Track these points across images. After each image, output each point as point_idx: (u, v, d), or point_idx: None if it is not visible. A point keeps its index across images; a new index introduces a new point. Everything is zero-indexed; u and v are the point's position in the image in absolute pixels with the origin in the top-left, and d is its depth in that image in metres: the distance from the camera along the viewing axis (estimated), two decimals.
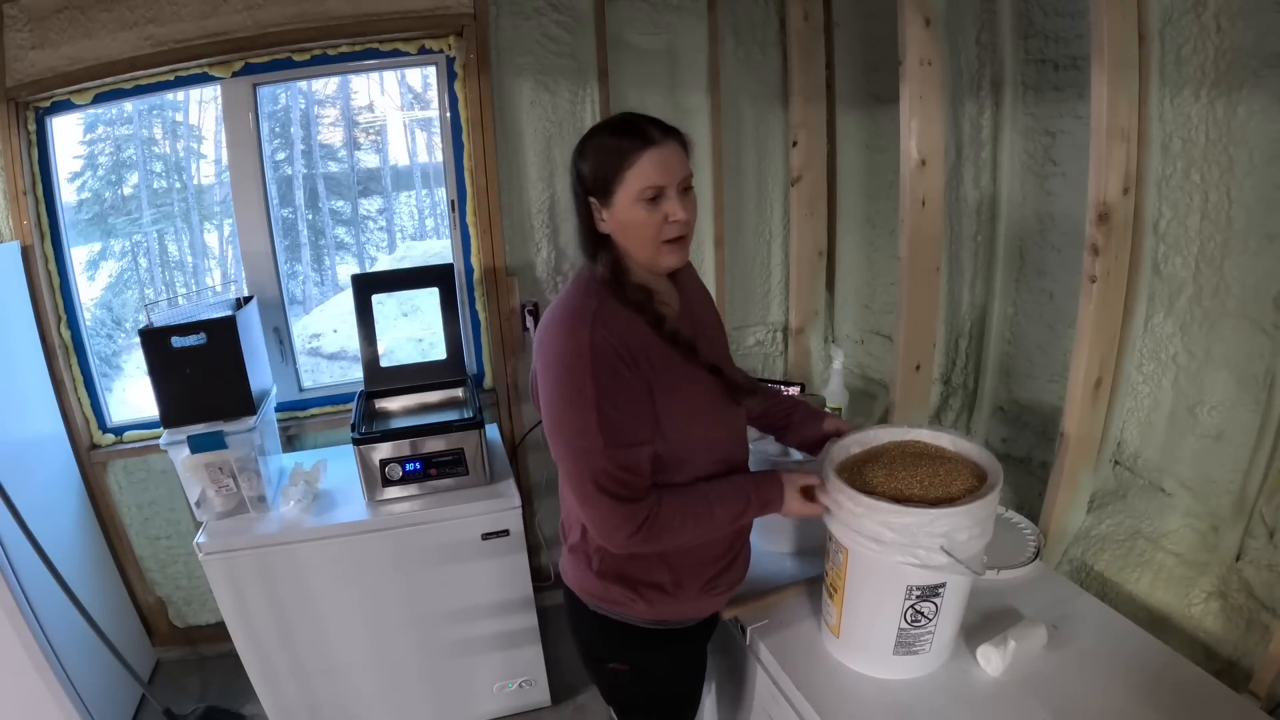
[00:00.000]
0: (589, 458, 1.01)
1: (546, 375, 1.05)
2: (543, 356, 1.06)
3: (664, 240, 1.05)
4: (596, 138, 1.07)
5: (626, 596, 1.16)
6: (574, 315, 1.04)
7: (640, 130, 1.02)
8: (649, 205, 1.02)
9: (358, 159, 5.20)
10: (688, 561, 1.17)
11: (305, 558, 1.76)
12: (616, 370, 1.01)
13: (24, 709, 1.72)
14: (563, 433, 1.04)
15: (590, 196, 1.06)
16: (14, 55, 1.84)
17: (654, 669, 1.25)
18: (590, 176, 1.05)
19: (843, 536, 1.11)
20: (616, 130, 1.04)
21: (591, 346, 1.00)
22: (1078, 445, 1.41)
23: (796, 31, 2.10)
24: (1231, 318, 1.21)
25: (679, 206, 1.03)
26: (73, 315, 2.05)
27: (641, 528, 1.04)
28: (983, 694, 1.11)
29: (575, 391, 1.00)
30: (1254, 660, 1.17)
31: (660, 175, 1.01)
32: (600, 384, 1.00)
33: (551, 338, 1.05)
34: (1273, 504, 1.17)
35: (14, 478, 1.61)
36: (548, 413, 1.05)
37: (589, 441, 1.01)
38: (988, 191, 1.69)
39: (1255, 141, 1.13)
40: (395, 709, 1.98)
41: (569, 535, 1.23)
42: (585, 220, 1.09)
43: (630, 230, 1.05)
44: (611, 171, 1.02)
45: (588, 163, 1.05)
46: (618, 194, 1.03)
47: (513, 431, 2.31)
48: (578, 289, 1.09)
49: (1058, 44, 1.45)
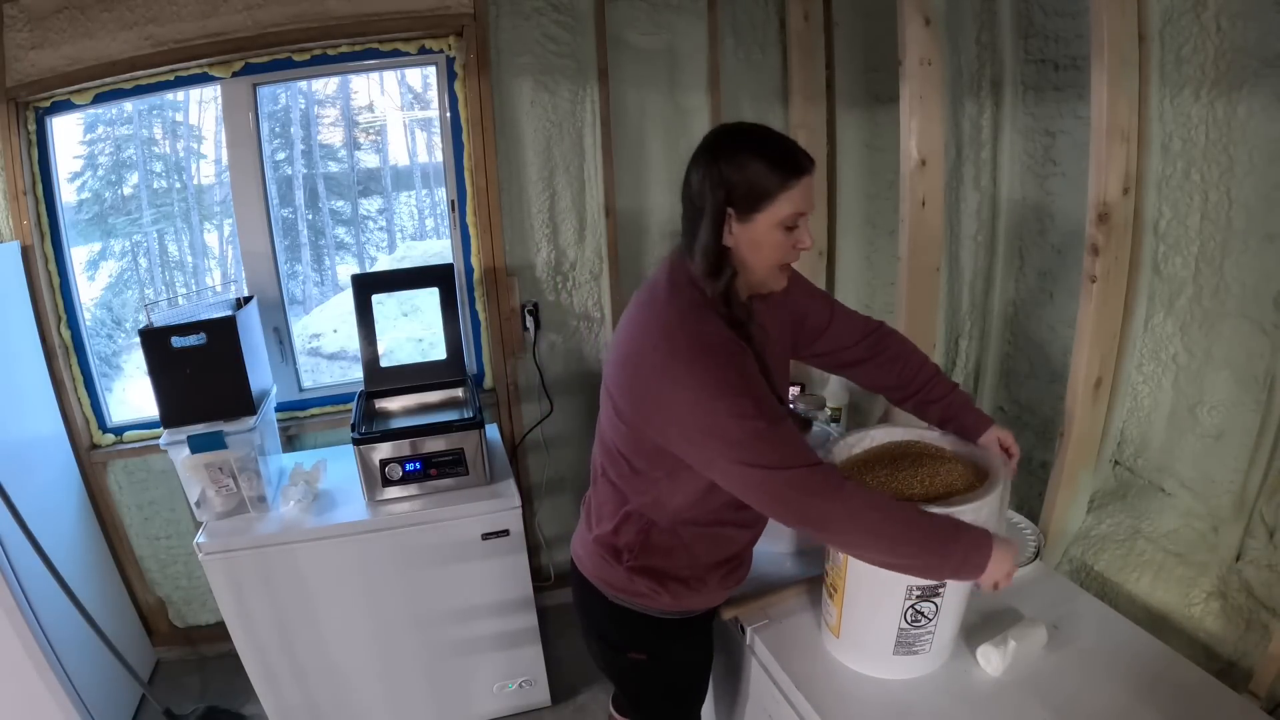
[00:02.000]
0: (757, 439, 0.98)
1: (672, 393, 1.01)
2: (659, 373, 1.02)
3: (782, 264, 1.07)
4: (749, 152, 1.01)
5: (651, 590, 1.18)
6: (688, 323, 1.03)
7: (798, 156, 1.01)
8: (786, 231, 1.03)
9: (358, 159, 5.19)
10: (711, 561, 1.20)
11: (305, 558, 1.76)
12: (746, 359, 1.03)
13: (24, 709, 1.72)
14: (719, 428, 0.99)
15: (729, 206, 1.02)
16: (14, 55, 1.84)
17: (671, 656, 1.27)
18: (742, 187, 1.00)
19: None
20: (777, 150, 1.02)
21: (727, 344, 1.01)
22: (1078, 445, 1.41)
23: (796, 31, 2.10)
24: (1231, 318, 1.21)
25: (808, 235, 1.05)
26: (73, 315, 2.05)
27: (831, 484, 0.98)
28: (983, 694, 1.11)
29: (724, 386, 0.98)
30: (1254, 660, 1.17)
31: (807, 204, 1.03)
32: (742, 370, 1.00)
33: (666, 350, 1.02)
34: (1273, 504, 1.17)
35: (14, 478, 1.61)
36: (689, 426, 1.01)
37: (751, 425, 0.97)
38: (988, 191, 1.69)
39: (1255, 141, 1.13)
40: (395, 709, 1.98)
41: (597, 525, 1.22)
42: (716, 229, 1.03)
43: (762, 249, 1.04)
44: (768, 191, 1.00)
45: (738, 173, 1.00)
46: (763, 213, 1.01)
47: (513, 431, 2.31)
48: (677, 292, 1.06)
49: (1058, 44, 1.45)
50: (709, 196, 1.02)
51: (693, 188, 1.04)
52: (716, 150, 1.03)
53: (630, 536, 1.17)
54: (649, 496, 1.14)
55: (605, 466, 1.19)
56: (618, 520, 1.17)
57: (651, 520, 1.15)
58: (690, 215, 1.06)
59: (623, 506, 1.17)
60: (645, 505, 1.15)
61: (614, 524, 1.18)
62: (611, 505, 1.19)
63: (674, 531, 1.16)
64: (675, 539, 1.16)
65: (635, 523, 1.16)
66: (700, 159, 1.04)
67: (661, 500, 1.14)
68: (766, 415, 0.98)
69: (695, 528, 1.16)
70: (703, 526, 1.16)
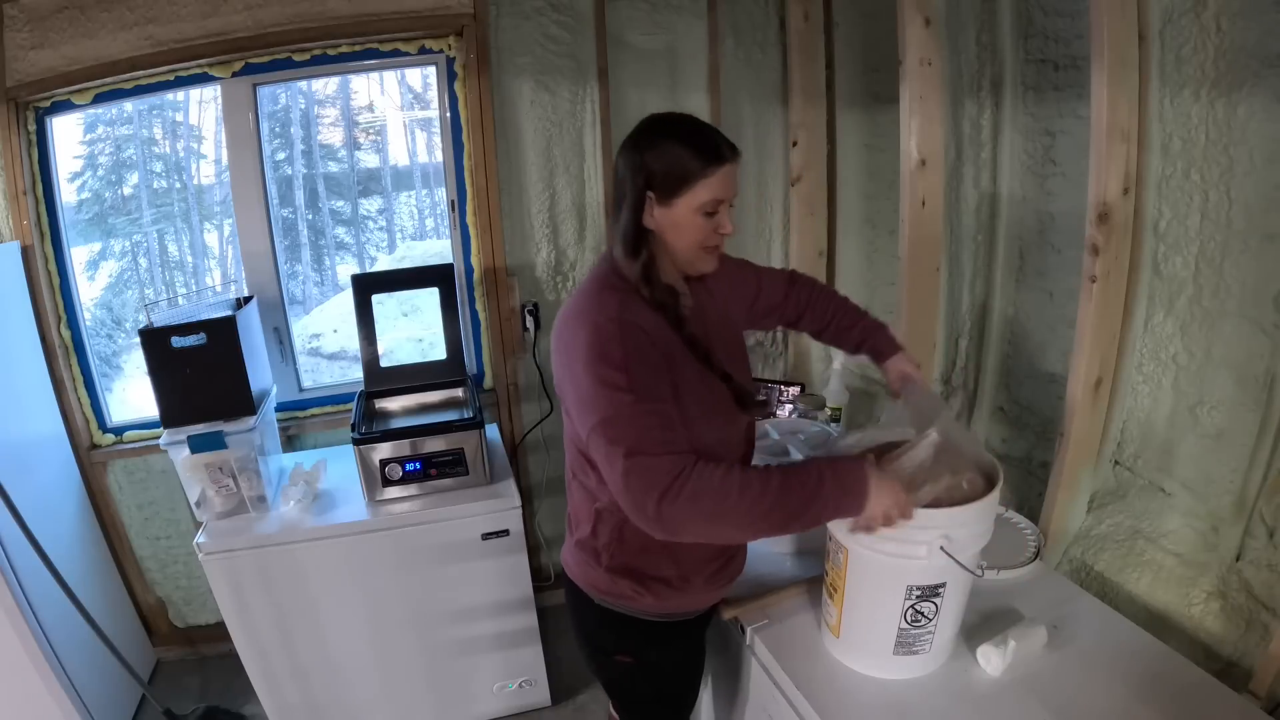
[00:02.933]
0: (617, 416, 0.99)
1: (573, 361, 1.04)
2: (567, 347, 1.06)
3: (705, 247, 1.10)
4: (671, 139, 1.05)
5: (634, 590, 1.18)
6: (598, 303, 1.06)
7: (718, 145, 1.05)
8: (706, 216, 1.06)
9: (358, 159, 5.20)
10: (695, 557, 1.19)
11: (305, 558, 1.76)
12: (641, 340, 1.03)
13: (24, 709, 1.72)
14: (591, 398, 1.01)
15: (649, 191, 1.06)
16: (14, 55, 1.84)
17: (659, 660, 1.27)
18: (660, 174, 1.04)
19: (843, 536, 1.11)
20: (696, 138, 1.05)
21: (619, 321, 1.02)
22: (1078, 445, 1.41)
23: (796, 31, 2.10)
24: (1231, 318, 1.21)
25: (728, 220, 1.09)
26: (73, 315, 2.05)
27: (677, 480, 0.96)
28: (983, 694, 1.11)
29: (601, 359, 1.00)
30: (1254, 660, 1.17)
31: (725, 191, 1.06)
32: (626, 346, 1.01)
33: (574, 327, 1.05)
34: (1273, 504, 1.17)
35: (14, 478, 1.61)
36: (577, 390, 1.04)
37: (617, 398, 0.99)
38: (988, 191, 1.69)
39: (1255, 141, 1.13)
40: (395, 709, 1.98)
41: (577, 529, 1.23)
42: (636, 212, 1.07)
43: (682, 233, 1.08)
44: (685, 177, 1.04)
45: (659, 160, 1.04)
46: (682, 198, 1.05)
47: (513, 431, 2.31)
48: (596, 285, 1.10)
49: (1058, 44, 1.45)
50: (630, 180, 1.06)
51: (619, 173, 1.09)
52: (641, 137, 1.07)
53: (606, 535, 1.17)
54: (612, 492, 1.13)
55: (574, 470, 1.21)
56: (592, 521, 1.18)
57: (623, 516, 1.13)
58: (616, 200, 1.11)
59: (593, 506, 1.17)
60: (613, 501, 1.13)
61: (590, 525, 1.19)
62: (585, 508, 1.20)
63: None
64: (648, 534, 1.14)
65: (608, 520, 1.16)
66: (626, 146, 1.08)
67: None
68: (637, 391, 0.98)
69: None
70: None
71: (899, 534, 1.03)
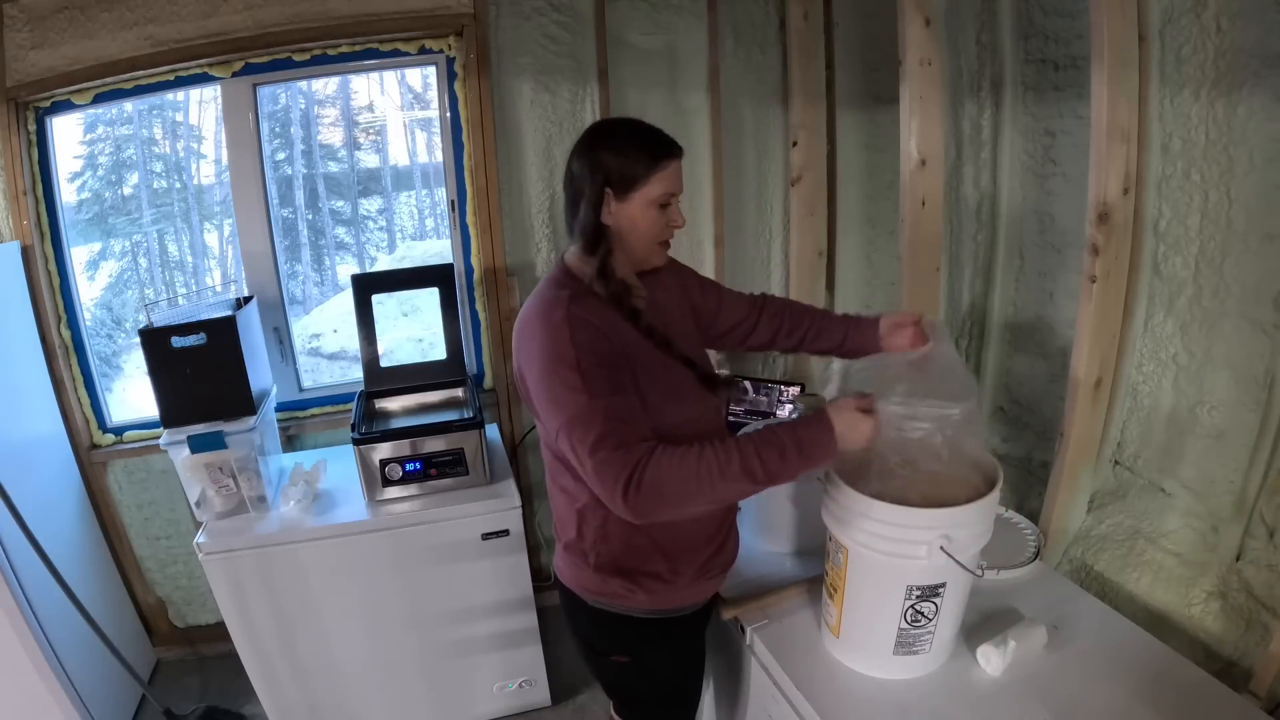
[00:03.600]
0: (579, 416, 1.02)
1: (530, 362, 1.08)
2: (525, 348, 1.09)
3: (660, 240, 1.16)
4: (624, 139, 1.12)
5: (625, 588, 1.18)
6: (550, 302, 1.09)
7: (667, 143, 1.12)
8: (659, 210, 1.13)
9: (358, 159, 5.20)
10: (681, 547, 1.19)
11: (305, 558, 1.76)
12: (593, 336, 1.06)
13: (24, 709, 1.72)
14: (553, 401, 1.04)
15: (608, 187, 1.10)
16: (14, 55, 1.84)
17: (655, 658, 1.27)
18: (616, 170, 1.09)
19: (843, 536, 1.11)
20: (646, 137, 1.12)
21: (569, 319, 1.05)
22: (1078, 445, 1.41)
23: (796, 31, 2.10)
24: (1231, 318, 1.21)
25: (679, 214, 1.16)
26: (73, 315, 2.05)
27: (636, 470, 0.99)
28: (983, 694, 1.11)
29: (557, 360, 1.04)
30: (1254, 660, 1.17)
31: (675, 186, 1.13)
32: (579, 344, 1.04)
33: (531, 327, 1.09)
34: (1273, 504, 1.17)
35: (14, 478, 1.61)
36: (537, 392, 1.07)
37: (576, 399, 1.02)
38: (988, 191, 1.69)
39: (1255, 141, 1.13)
40: (395, 709, 1.98)
41: (564, 534, 1.24)
42: (595, 209, 1.11)
43: (638, 227, 1.13)
44: (640, 171, 1.09)
45: (615, 157, 1.09)
46: (638, 193, 1.10)
47: (513, 431, 2.31)
48: (550, 285, 1.14)
49: (1058, 44, 1.45)
50: (589, 179, 1.10)
51: (574, 174, 1.13)
52: (595, 139, 1.13)
53: (591, 535, 1.17)
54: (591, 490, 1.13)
55: (551, 473, 1.22)
56: (576, 522, 1.19)
57: (604, 513, 1.15)
58: (572, 200, 1.14)
59: (574, 507, 1.18)
60: (592, 499, 1.14)
61: (575, 527, 1.19)
62: (567, 510, 1.21)
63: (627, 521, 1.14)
64: (635, 528, 1.14)
65: (590, 519, 1.17)
66: (580, 149, 1.13)
67: None
68: (590, 389, 1.02)
69: None
70: None
71: (899, 534, 1.03)
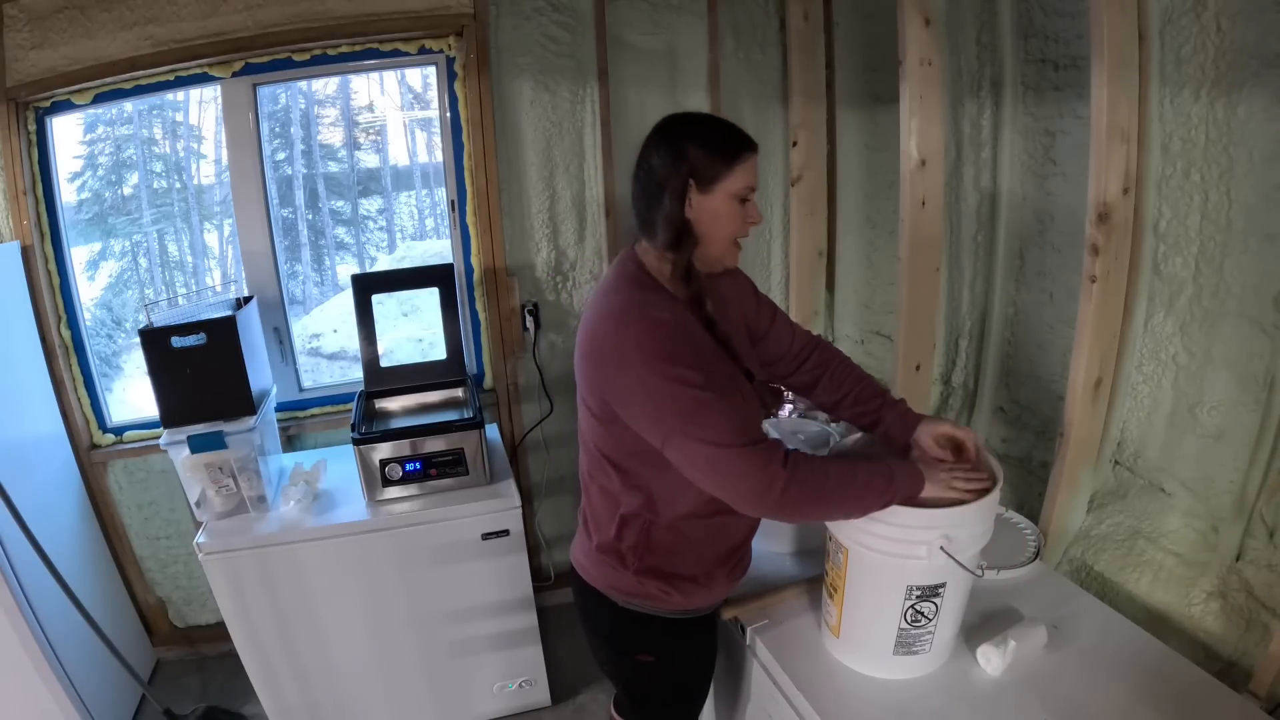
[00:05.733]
0: (702, 413, 0.99)
1: (627, 363, 1.02)
2: (613, 349, 1.04)
3: (737, 237, 1.12)
4: (705, 129, 1.09)
5: (662, 591, 1.18)
6: (643, 301, 1.06)
7: (745, 136, 1.09)
8: (740, 204, 1.09)
9: (358, 159, 5.20)
10: (715, 553, 1.21)
11: (305, 558, 1.76)
12: (698, 337, 1.05)
13: (24, 709, 1.72)
14: (667, 399, 1.00)
15: (691, 179, 1.06)
16: (14, 55, 1.84)
17: (680, 655, 1.28)
18: (701, 160, 1.05)
19: (843, 536, 1.11)
20: (727, 129, 1.09)
21: (676, 318, 1.05)
22: (1078, 445, 1.41)
23: (796, 31, 2.10)
24: (1231, 318, 1.21)
25: (757, 210, 1.11)
26: (73, 315, 2.05)
27: (788, 464, 0.99)
28: (983, 694, 1.11)
29: (669, 359, 1.00)
30: (1254, 660, 1.17)
31: (755, 179, 1.10)
32: (695, 343, 1.04)
33: (620, 327, 1.04)
34: (1273, 504, 1.17)
35: (14, 478, 1.60)
36: (640, 392, 1.02)
37: (699, 395, 0.99)
38: (988, 191, 1.69)
39: (1255, 141, 1.13)
40: (395, 709, 1.98)
41: (598, 534, 1.22)
42: (680, 201, 1.07)
43: (719, 221, 1.09)
44: (724, 163, 1.06)
45: (699, 148, 1.05)
46: (721, 185, 1.06)
47: (513, 431, 2.31)
48: (628, 284, 1.10)
49: (1058, 44, 1.45)
50: (672, 171, 1.06)
51: (654, 166, 1.08)
52: (675, 129, 1.09)
53: (633, 539, 1.17)
54: (640, 496, 1.14)
55: (593, 473, 1.20)
56: (617, 525, 1.17)
57: (649, 520, 1.15)
58: (651, 193, 1.09)
59: (618, 510, 1.17)
60: (639, 505, 1.15)
61: (614, 529, 1.18)
62: (607, 511, 1.19)
63: (674, 528, 1.16)
64: (677, 535, 1.16)
65: (634, 525, 1.16)
66: (659, 140, 1.09)
67: (653, 498, 1.14)
68: (714, 387, 1.01)
69: (694, 520, 1.16)
70: (701, 518, 1.16)
71: (899, 534, 1.03)
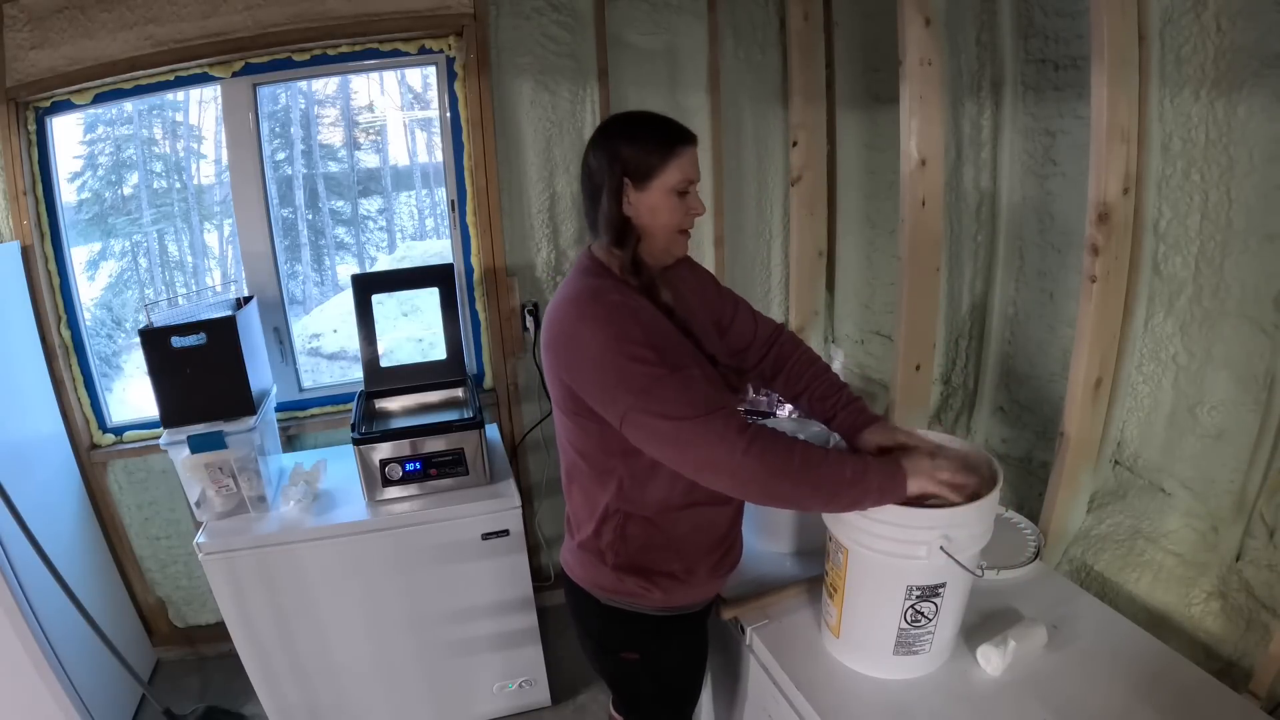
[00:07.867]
0: (657, 388, 1.00)
1: (582, 349, 1.05)
2: (571, 338, 1.06)
3: (680, 229, 1.15)
4: (638, 128, 1.12)
5: (642, 587, 1.18)
6: (594, 289, 1.09)
7: (680, 130, 1.12)
8: (678, 197, 1.11)
9: (358, 159, 5.20)
10: (696, 548, 1.21)
11: (305, 558, 1.76)
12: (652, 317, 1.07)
13: (24, 709, 1.72)
14: (621, 380, 1.02)
15: (626, 177, 1.09)
16: (14, 55, 1.84)
17: (664, 654, 1.28)
18: (634, 159, 1.09)
19: (843, 536, 1.11)
20: (660, 125, 1.12)
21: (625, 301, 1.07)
22: (1078, 445, 1.41)
23: (796, 31, 2.10)
24: (1231, 318, 1.21)
25: (699, 202, 1.14)
26: (73, 315, 2.05)
27: (747, 429, 0.99)
28: (983, 694, 1.11)
29: (621, 340, 1.02)
30: (1254, 660, 1.17)
31: (693, 172, 1.12)
32: (643, 324, 1.05)
33: (574, 317, 1.07)
34: (1273, 504, 1.17)
35: (14, 478, 1.61)
36: (596, 376, 1.04)
37: (653, 371, 1.01)
38: (988, 191, 1.69)
39: (1255, 141, 1.13)
40: (395, 709, 1.98)
41: (578, 532, 1.23)
42: (616, 199, 1.10)
43: (659, 216, 1.12)
44: (657, 159, 1.09)
45: (632, 146, 1.09)
46: (656, 181, 1.09)
47: (513, 431, 2.31)
48: (585, 274, 1.13)
49: (1058, 44, 1.45)
50: (608, 171, 1.10)
51: (592, 168, 1.13)
52: (610, 132, 1.13)
53: (610, 535, 1.18)
54: (614, 489, 1.15)
55: (570, 473, 1.22)
56: (595, 522, 1.19)
57: (626, 514, 1.16)
58: (592, 195, 1.14)
59: (595, 507, 1.18)
60: (615, 500, 1.15)
61: (593, 526, 1.19)
62: (585, 509, 1.21)
63: (651, 521, 1.17)
64: (654, 529, 1.17)
65: (612, 520, 1.17)
66: (596, 142, 1.13)
67: (627, 491, 1.15)
68: (667, 364, 1.02)
69: (670, 513, 1.17)
70: (678, 510, 1.17)
71: (899, 534, 1.03)
